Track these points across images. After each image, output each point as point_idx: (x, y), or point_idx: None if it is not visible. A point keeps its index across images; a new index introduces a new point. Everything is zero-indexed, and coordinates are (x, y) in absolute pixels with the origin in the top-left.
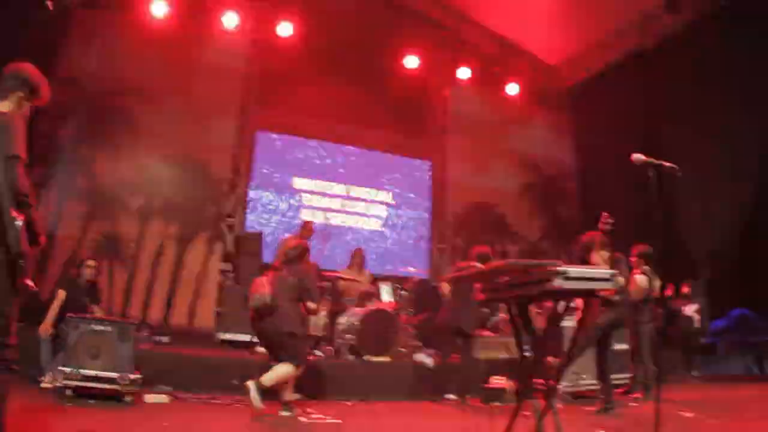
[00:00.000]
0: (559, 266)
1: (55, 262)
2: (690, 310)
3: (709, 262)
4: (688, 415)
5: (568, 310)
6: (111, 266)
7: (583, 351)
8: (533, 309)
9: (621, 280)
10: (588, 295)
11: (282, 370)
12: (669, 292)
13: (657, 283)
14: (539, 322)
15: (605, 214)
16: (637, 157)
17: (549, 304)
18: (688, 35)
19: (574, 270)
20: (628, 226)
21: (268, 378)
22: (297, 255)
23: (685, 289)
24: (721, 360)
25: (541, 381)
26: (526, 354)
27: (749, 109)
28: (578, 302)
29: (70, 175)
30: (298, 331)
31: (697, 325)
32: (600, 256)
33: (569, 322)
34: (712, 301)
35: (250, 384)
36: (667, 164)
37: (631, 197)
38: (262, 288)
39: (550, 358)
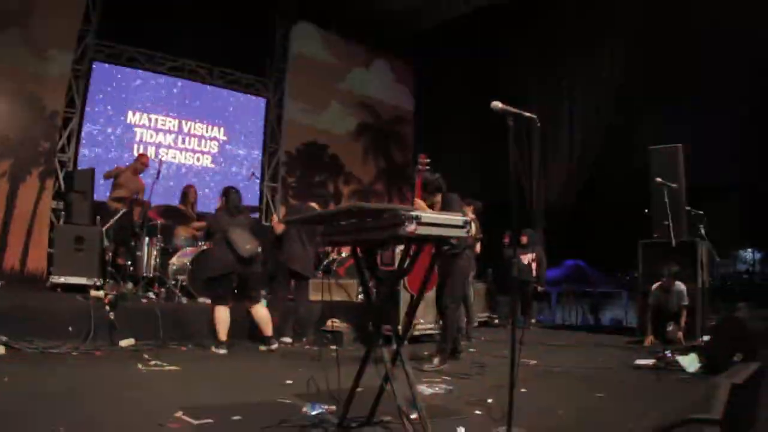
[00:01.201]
0: (412, 210)
1: None
2: (527, 259)
3: (545, 214)
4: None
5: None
6: None
7: (458, 301)
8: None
9: (473, 227)
10: (439, 241)
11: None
12: (506, 240)
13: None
14: None
15: (422, 155)
16: (495, 104)
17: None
18: None
19: (428, 215)
20: (465, 172)
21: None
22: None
23: (524, 239)
24: (556, 309)
25: (387, 327)
26: (370, 298)
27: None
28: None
29: None
30: None
31: (534, 274)
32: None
33: None
34: (547, 252)
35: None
36: (527, 113)
37: (469, 144)
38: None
39: None
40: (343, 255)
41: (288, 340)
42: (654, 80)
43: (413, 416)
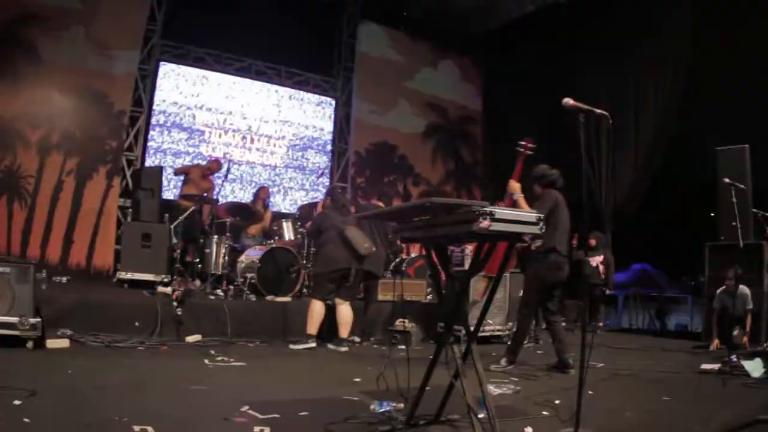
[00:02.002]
0: (486, 206)
1: None
2: (595, 261)
3: (613, 217)
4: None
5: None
6: (10, 203)
7: (529, 308)
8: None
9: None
10: (514, 238)
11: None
12: (575, 242)
13: None
14: None
15: (527, 138)
16: (567, 101)
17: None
18: None
19: (501, 211)
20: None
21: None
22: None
23: (593, 242)
24: (623, 313)
25: (458, 326)
26: (443, 297)
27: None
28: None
29: None
30: None
31: (602, 277)
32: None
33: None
34: (615, 256)
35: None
36: (599, 110)
37: (537, 144)
38: (367, 240)
39: None
40: (413, 255)
41: (357, 339)
42: (718, 82)
43: (481, 415)
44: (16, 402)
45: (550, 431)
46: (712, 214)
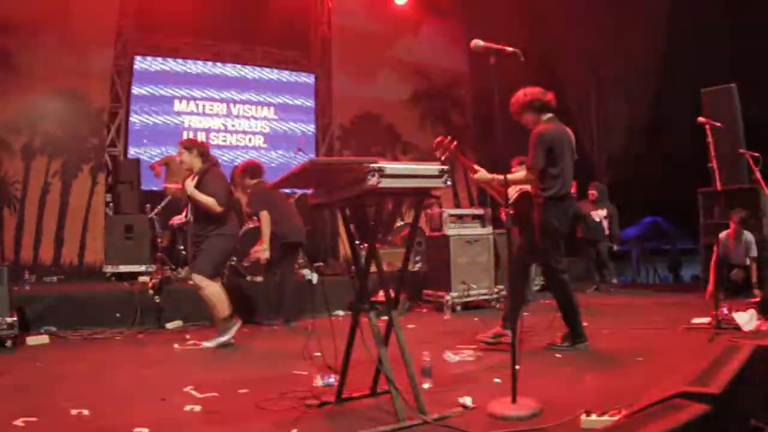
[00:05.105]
0: (374, 162)
1: None
2: (598, 215)
3: (606, 168)
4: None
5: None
6: (0, 210)
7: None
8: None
9: (447, 178)
10: (419, 194)
11: None
12: (573, 191)
13: None
14: None
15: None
16: (476, 42)
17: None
18: None
19: (393, 166)
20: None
21: None
22: None
23: (593, 193)
24: (633, 268)
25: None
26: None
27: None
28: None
29: None
30: None
31: (606, 232)
32: None
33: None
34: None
35: None
36: (510, 49)
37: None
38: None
39: None
40: (400, 223)
41: (341, 313)
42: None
43: (426, 385)
44: None
45: (491, 399)
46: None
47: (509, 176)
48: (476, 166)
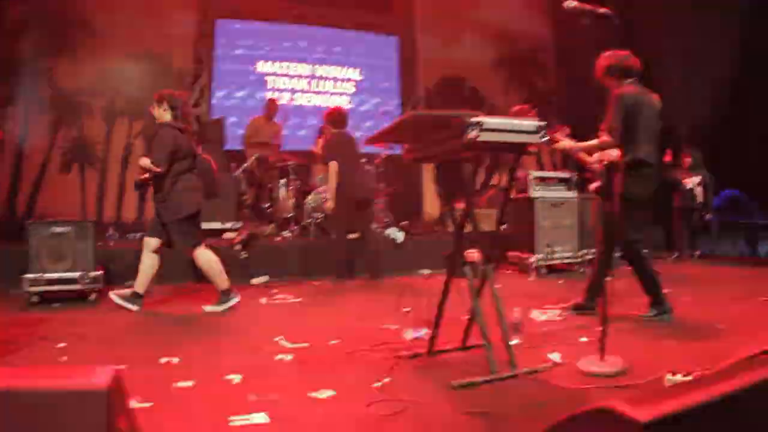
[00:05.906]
0: (474, 115)
1: (26, 175)
2: (691, 182)
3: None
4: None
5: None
6: (82, 172)
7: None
8: None
9: (545, 134)
10: (515, 150)
11: None
12: (668, 159)
13: None
14: None
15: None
16: (569, 3)
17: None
18: None
19: (492, 120)
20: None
21: None
22: None
23: (688, 159)
24: (714, 240)
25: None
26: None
27: None
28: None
29: (33, 88)
30: None
31: (699, 200)
32: None
33: None
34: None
35: None
36: (601, 9)
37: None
38: None
39: None
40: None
41: (426, 272)
42: None
43: (515, 341)
44: (61, 345)
45: (579, 358)
46: None
47: (588, 143)
48: (558, 135)
